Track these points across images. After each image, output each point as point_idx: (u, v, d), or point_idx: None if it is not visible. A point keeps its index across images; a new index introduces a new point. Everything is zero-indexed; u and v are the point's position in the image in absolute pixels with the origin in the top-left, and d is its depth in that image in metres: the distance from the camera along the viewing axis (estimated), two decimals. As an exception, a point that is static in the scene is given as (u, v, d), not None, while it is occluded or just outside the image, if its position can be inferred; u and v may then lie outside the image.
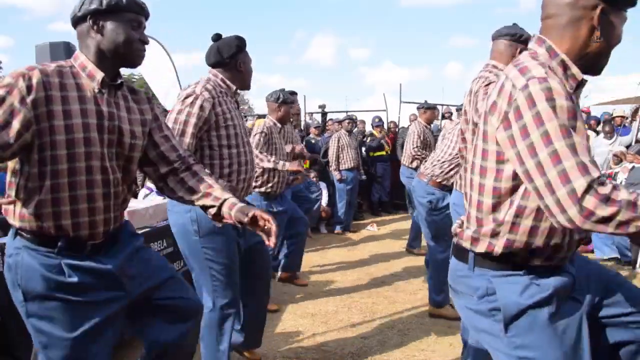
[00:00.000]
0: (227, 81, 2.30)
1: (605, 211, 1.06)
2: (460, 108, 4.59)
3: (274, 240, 1.46)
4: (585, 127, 1.21)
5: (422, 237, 5.44)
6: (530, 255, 1.28)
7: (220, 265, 2.19)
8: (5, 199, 1.37)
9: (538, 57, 1.24)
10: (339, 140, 6.75)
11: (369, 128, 8.56)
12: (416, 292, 4.03)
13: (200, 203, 1.59)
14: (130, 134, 1.52)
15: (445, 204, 3.32)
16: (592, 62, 1.26)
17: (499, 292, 1.28)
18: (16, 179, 1.40)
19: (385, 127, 8.95)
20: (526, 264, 1.28)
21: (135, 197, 3.90)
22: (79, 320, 1.41)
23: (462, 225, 1.41)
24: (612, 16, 1.23)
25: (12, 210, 1.42)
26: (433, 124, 8.87)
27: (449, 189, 3.28)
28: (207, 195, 1.57)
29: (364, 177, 7.62)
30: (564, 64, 1.24)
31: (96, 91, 1.45)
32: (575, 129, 1.12)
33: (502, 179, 1.25)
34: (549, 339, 1.24)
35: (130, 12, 1.46)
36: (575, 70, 1.25)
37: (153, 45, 7.42)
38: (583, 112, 7.64)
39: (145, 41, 1.51)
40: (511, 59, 2.24)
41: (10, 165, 1.41)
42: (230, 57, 2.28)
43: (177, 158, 1.63)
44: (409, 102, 10.29)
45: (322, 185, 6.67)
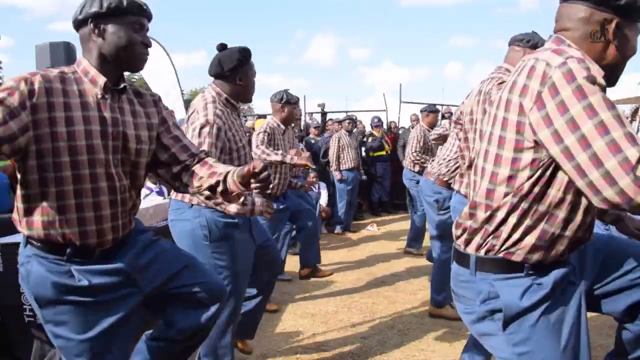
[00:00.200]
0: (231, 100, 2.30)
1: None
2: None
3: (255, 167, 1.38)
4: None
5: (422, 239, 5.45)
6: (531, 253, 1.27)
7: (228, 271, 2.19)
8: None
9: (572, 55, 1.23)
10: (339, 140, 6.75)
11: (369, 128, 8.56)
12: (416, 292, 4.03)
13: (207, 184, 1.53)
14: (136, 139, 1.50)
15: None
16: (608, 73, 1.27)
17: (501, 295, 1.28)
18: (20, 189, 1.40)
19: (385, 127, 8.95)
20: (527, 263, 1.28)
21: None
22: (93, 321, 1.41)
23: (461, 227, 1.40)
24: (627, 29, 1.24)
25: (19, 219, 1.42)
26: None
27: None
28: (212, 174, 1.52)
29: (365, 177, 7.62)
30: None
31: (99, 97, 1.43)
32: (615, 107, 1.09)
33: (520, 167, 1.22)
34: (546, 333, 1.25)
35: (132, 15, 1.43)
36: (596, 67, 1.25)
37: (153, 45, 7.43)
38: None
39: (147, 44, 1.48)
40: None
41: (18, 176, 1.41)
42: (230, 70, 2.27)
43: (189, 157, 1.60)
44: (409, 102, 10.31)
45: (322, 185, 6.67)
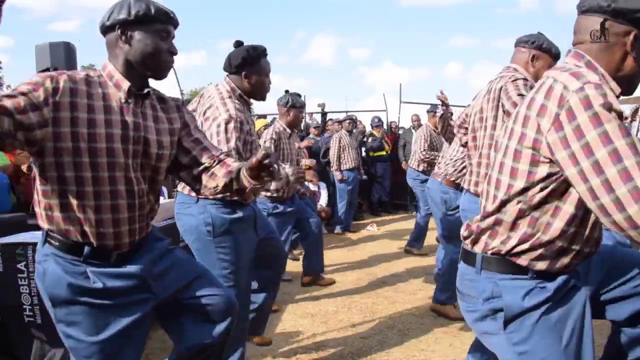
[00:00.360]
0: (244, 96, 2.34)
1: None
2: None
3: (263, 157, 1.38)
4: None
5: (424, 239, 5.45)
6: (536, 261, 1.30)
7: (233, 265, 2.23)
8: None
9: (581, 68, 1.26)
10: (340, 140, 6.75)
11: (369, 128, 8.56)
12: (416, 292, 4.03)
13: (222, 184, 1.54)
14: (158, 144, 1.51)
15: (458, 204, 3.33)
16: (626, 83, 1.30)
17: (504, 294, 1.30)
18: (39, 184, 1.41)
19: (386, 127, 8.95)
20: (532, 268, 1.30)
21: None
22: (104, 324, 1.41)
23: (470, 229, 1.42)
24: None
25: (41, 212, 1.44)
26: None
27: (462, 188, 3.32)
28: (227, 173, 1.54)
29: (365, 177, 7.62)
30: (603, 78, 1.27)
31: (122, 101, 1.44)
32: (630, 134, 1.13)
33: (535, 180, 1.25)
34: (547, 332, 1.27)
35: (159, 22, 1.44)
36: (613, 84, 1.28)
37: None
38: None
39: (173, 52, 1.49)
40: (525, 63, 2.38)
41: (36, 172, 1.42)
42: (236, 67, 2.30)
43: (209, 158, 1.60)
44: (409, 102, 10.31)
45: (322, 185, 6.67)
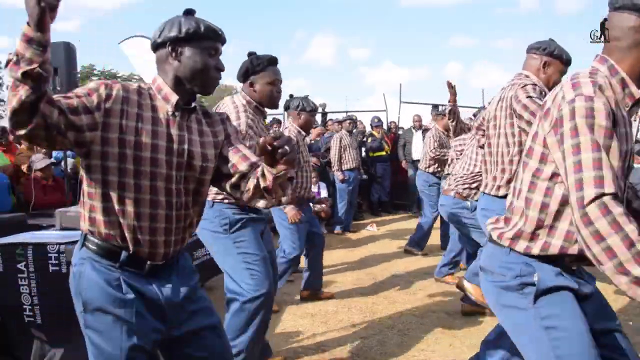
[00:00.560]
0: (260, 107, 2.43)
1: (602, 226, 1.16)
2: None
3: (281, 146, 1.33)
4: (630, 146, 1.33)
5: (425, 242, 5.41)
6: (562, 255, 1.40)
7: (255, 256, 2.30)
8: None
9: (598, 74, 1.33)
10: (340, 140, 6.76)
11: (369, 128, 8.57)
12: (416, 292, 4.04)
13: (252, 186, 1.53)
14: (202, 157, 1.53)
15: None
16: None
17: (537, 269, 1.39)
18: (85, 186, 1.45)
19: (385, 127, 8.95)
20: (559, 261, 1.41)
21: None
22: (126, 339, 1.43)
23: (497, 224, 1.52)
24: None
25: (84, 214, 1.47)
26: (432, 124, 8.91)
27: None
28: (255, 175, 1.54)
29: (366, 176, 7.62)
30: (623, 82, 1.33)
31: (169, 114, 1.48)
32: (607, 148, 1.23)
33: (541, 177, 1.39)
34: (574, 312, 1.36)
35: (208, 40, 1.48)
36: (633, 89, 1.34)
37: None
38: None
39: (221, 68, 1.53)
40: (537, 70, 2.45)
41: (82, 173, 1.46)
42: (243, 77, 2.40)
43: (249, 166, 1.59)
44: (409, 102, 10.32)
45: (322, 185, 6.68)
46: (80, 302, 1.44)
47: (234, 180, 1.59)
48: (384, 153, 8.16)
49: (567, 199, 1.29)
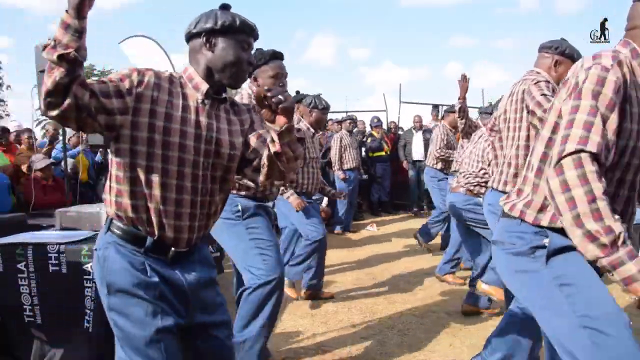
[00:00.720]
0: None
1: (571, 177, 1.19)
2: (485, 111, 4.70)
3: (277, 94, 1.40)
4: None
5: (434, 236, 5.35)
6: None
7: (268, 242, 2.33)
8: None
9: (619, 54, 1.36)
10: (341, 140, 6.77)
11: (369, 128, 8.57)
12: (416, 292, 4.04)
13: (266, 160, 1.55)
14: (230, 145, 1.56)
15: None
16: None
17: (549, 233, 1.41)
18: (113, 169, 1.47)
19: (385, 127, 8.95)
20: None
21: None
22: (151, 320, 1.43)
23: (509, 198, 1.56)
24: None
25: (110, 199, 1.49)
26: (432, 124, 8.91)
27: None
28: (267, 146, 1.55)
29: (366, 176, 7.62)
30: None
31: (199, 102, 1.50)
32: (605, 118, 1.26)
33: (552, 147, 1.38)
34: (585, 267, 1.37)
35: (242, 34, 1.51)
36: None
37: (152, 45, 7.43)
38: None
39: (252, 63, 1.55)
40: (548, 68, 2.48)
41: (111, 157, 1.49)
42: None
43: (264, 145, 1.61)
44: (409, 102, 10.32)
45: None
46: (104, 285, 1.45)
47: (255, 164, 1.61)
48: (383, 153, 8.16)
49: None
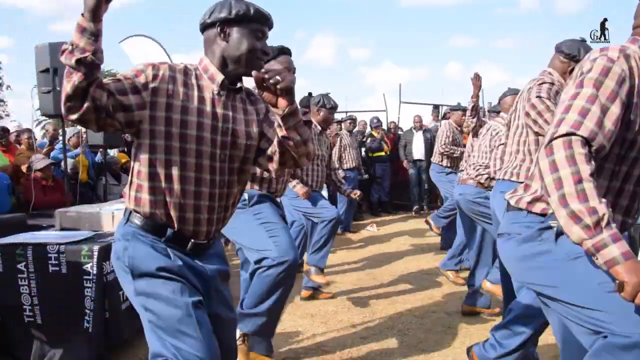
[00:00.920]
0: None
1: (559, 158, 1.19)
2: (493, 110, 4.72)
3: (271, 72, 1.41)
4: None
5: (449, 219, 5.25)
6: None
7: (277, 224, 2.35)
8: None
9: (627, 49, 1.36)
10: (341, 140, 6.76)
11: (369, 128, 8.57)
12: (416, 292, 4.03)
13: (275, 144, 1.56)
14: (246, 136, 1.56)
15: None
16: None
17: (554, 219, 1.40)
18: (134, 164, 1.48)
19: (385, 127, 8.95)
20: None
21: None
22: (180, 297, 1.43)
23: (515, 192, 1.56)
24: None
25: (130, 194, 1.50)
26: (432, 124, 8.92)
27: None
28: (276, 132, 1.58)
29: (366, 176, 7.61)
30: None
31: (215, 93, 1.51)
32: (605, 108, 1.25)
33: None
34: None
35: (257, 23, 1.50)
36: None
37: (153, 45, 7.44)
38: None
39: (267, 52, 1.54)
40: (563, 73, 2.51)
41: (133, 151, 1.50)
42: None
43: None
44: (409, 102, 10.32)
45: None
46: (128, 272, 1.45)
47: (269, 152, 1.62)
48: (383, 153, 8.16)
49: None
